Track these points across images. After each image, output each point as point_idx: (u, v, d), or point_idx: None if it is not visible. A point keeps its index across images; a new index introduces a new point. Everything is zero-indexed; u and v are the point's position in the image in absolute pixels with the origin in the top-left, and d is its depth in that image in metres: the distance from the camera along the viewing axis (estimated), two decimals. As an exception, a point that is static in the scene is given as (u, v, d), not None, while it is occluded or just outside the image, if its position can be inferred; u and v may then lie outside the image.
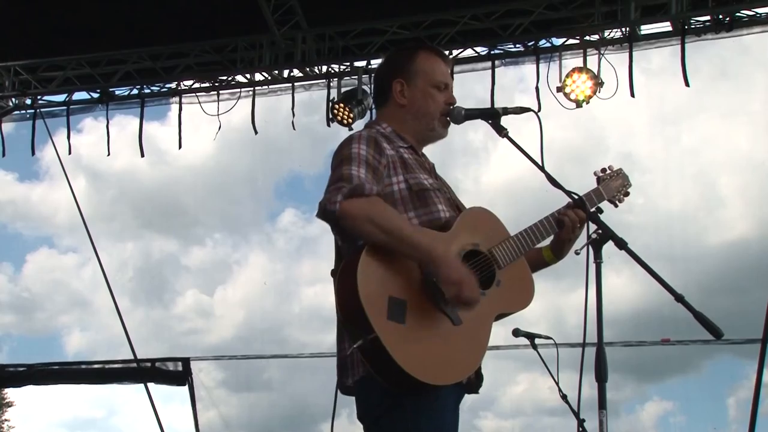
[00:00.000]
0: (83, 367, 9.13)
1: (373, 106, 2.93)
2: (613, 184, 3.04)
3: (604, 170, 3.07)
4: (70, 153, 8.75)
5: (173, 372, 8.48)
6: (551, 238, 2.79)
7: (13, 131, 8.86)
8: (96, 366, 8.99)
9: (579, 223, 2.73)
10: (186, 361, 8.53)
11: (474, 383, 2.59)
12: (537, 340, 5.09)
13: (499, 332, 4.90)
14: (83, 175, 17.07)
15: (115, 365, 8.79)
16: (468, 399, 2.63)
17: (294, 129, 8.05)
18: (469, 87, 7.55)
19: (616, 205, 3.03)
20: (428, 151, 2.86)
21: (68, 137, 8.72)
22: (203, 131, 8.22)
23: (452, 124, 2.78)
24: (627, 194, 3.08)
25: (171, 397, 8.55)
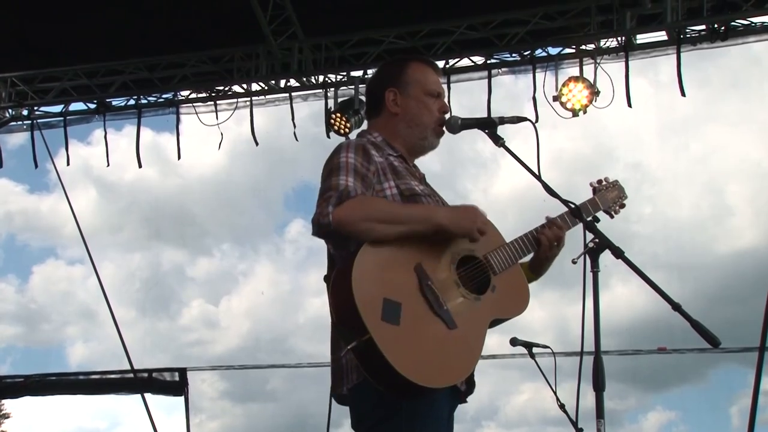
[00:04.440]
0: (81, 377, 9.09)
1: (366, 119, 2.94)
2: (609, 195, 3.06)
3: (600, 181, 3.09)
4: (68, 164, 8.77)
5: (170, 382, 8.45)
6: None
7: (25, 142, 8.86)
8: (93, 377, 8.96)
9: (556, 241, 2.75)
10: (183, 372, 8.50)
11: (466, 391, 2.58)
12: (534, 349, 5.08)
13: (504, 342, 4.91)
14: (93, 186, 17.08)
15: (113, 376, 8.75)
16: (471, 408, 2.62)
17: (297, 140, 8.06)
18: (479, 96, 7.62)
19: (612, 216, 3.05)
20: (433, 161, 2.88)
21: (66, 148, 8.73)
22: (214, 142, 8.26)
23: (449, 134, 2.78)
24: (623, 206, 3.10)
25: (175, 408, 8.52)
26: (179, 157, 8.54)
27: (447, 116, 2.80)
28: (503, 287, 2.59)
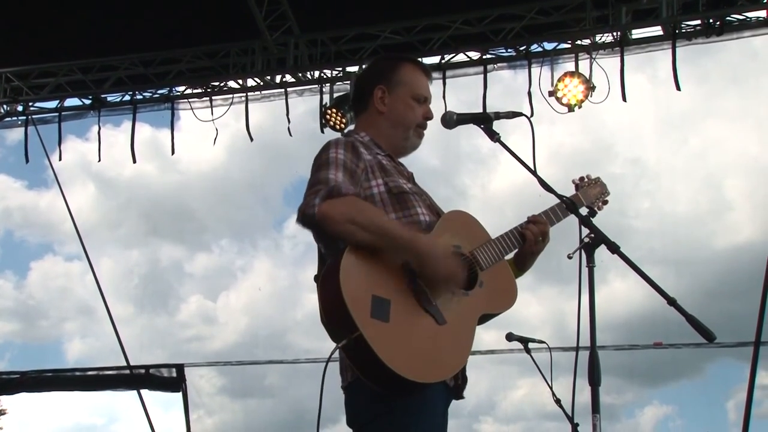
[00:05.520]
0: (77, 374, 9.08)
1: (353, 113, 2.94)
2: (592, 192, 3.09)
3: (582, 179, 3.12)
4: (60, 159, 8.79)
5: (167, 378, 8.45)
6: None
7: (24, 138, 8.85)
8: (90, 373, 8.95)
9: (541, 236, 2.77)
10: (180, 368, 8.50)
11: (461, 387, 2.58)
12: (530, 345, 5.08)
13: (501, 337, 4.92)
14: (92, 182, 17.06)
15: (110, 372, 8.75)
16: (468, 404, 2.63)
17: (290, 135, 8.07)
18: (475, 91, 7.64)
19: (595, 213, 3.06)
20: (432, 156, 2.88)
21: (59, 143, 8.74)
22: (212, 138, 8.29)
23: (448, 130, 2.78)
24: (606, 202, 3.13)
25: (172, 404, 8.52)
26: (173, 152, 8.64)
27: (429, 122, 2.81)
28: (491, 282, 2.60)
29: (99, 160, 8.67)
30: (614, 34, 7.18)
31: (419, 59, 2.99)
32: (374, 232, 2.35)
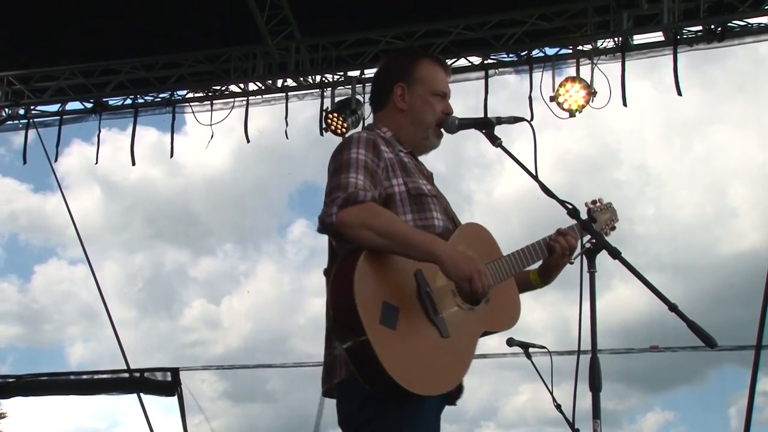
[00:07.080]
0: (72, 378, 9.04)
1: (371, 110, 2.92)
2: (602, 217, 3.07)
3: (594, 202, 3.10)
4: (56, 161, 8.80)
5: (162, 382, 8.40)
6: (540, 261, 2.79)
7: (31, 142, 8.87)
8: (85, 377, 8.91)
9: (569, 250, 2.75)
10: (175, 371, 8.45)
11: (454, 395, 2.58)
12: (531, 350, 5.08)
13: (503, 342, 4.92)
14: (98, 186, 17.07)
15: (105, 375, 8.71)
16: (470, 409, 2.64)
17: (287, 138, 8.08)
18: (477, 96, 7.65)
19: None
20: (437, 161, 2.87)
21: (57, 146, 8.73)
22: (218, 142, 8.28)
23: (453, 135, 2.77)
24: (614, 228, 3.12)
25: (173, 408, 8.48)
26: (171, 155, 8.67)
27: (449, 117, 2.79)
28: (497, 300, 2.59)
29: (96, 163, 8.71)
30: (615, 39, 7.19)
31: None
32: (389, 236, 2.35)
